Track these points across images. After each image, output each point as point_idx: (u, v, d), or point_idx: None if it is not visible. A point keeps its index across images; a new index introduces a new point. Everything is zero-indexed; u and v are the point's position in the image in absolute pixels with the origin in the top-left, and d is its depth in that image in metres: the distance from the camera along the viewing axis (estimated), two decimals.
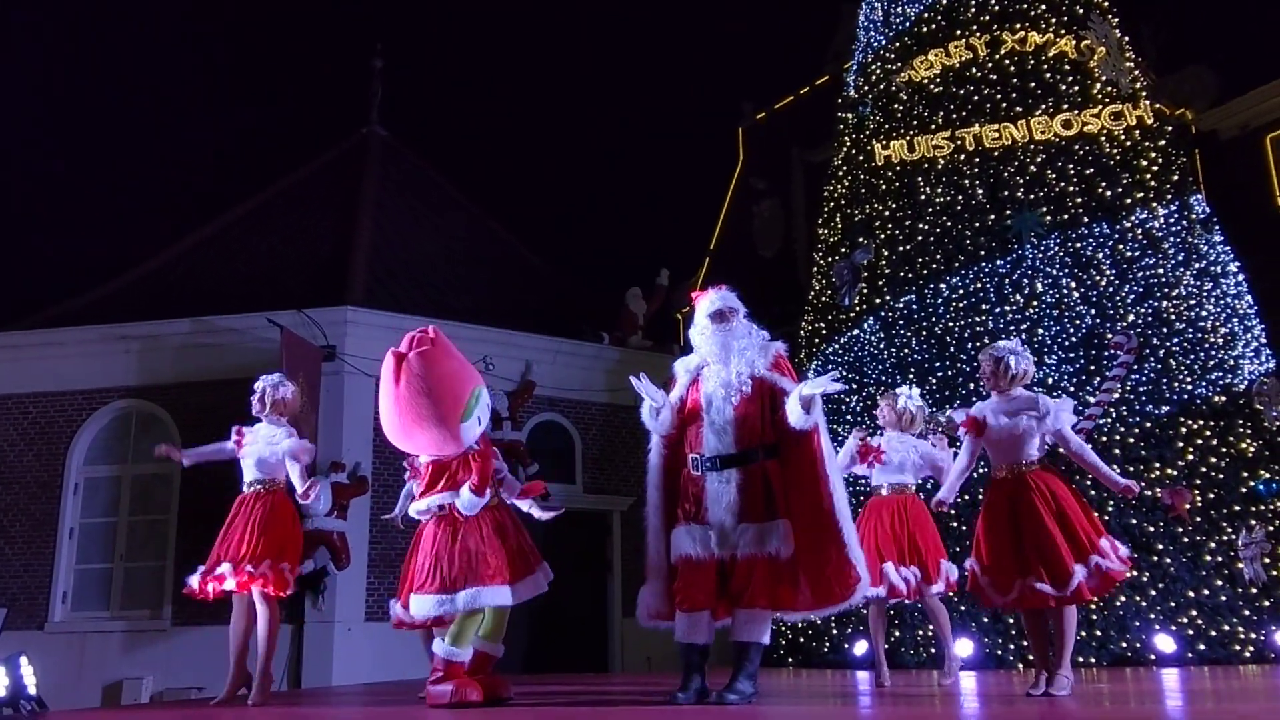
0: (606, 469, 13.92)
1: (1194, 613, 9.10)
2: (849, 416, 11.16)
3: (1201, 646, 8.96)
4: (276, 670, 11.16)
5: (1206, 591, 9.20)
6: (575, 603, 13.06)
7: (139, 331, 12.48)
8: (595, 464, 13.83)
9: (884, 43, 12.60)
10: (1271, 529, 9.45)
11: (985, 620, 9.36)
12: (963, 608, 9.44)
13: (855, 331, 11.46)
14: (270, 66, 42.15)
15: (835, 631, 9.96)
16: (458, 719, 4.48)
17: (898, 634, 9.54)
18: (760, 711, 4.62)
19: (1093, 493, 9.61)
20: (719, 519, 4.77)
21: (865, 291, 11.47)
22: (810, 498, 4.79)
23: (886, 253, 11.48)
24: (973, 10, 12.02)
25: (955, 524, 9.19)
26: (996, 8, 11.98)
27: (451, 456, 5.05)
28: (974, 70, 11.83)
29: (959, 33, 12.01)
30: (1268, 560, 9.33)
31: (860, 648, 9.77)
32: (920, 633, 9.53)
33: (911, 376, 10.63)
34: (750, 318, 5.17)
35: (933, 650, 9.26)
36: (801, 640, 10.49)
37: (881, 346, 11.13)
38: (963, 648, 9.14)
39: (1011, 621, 9.21)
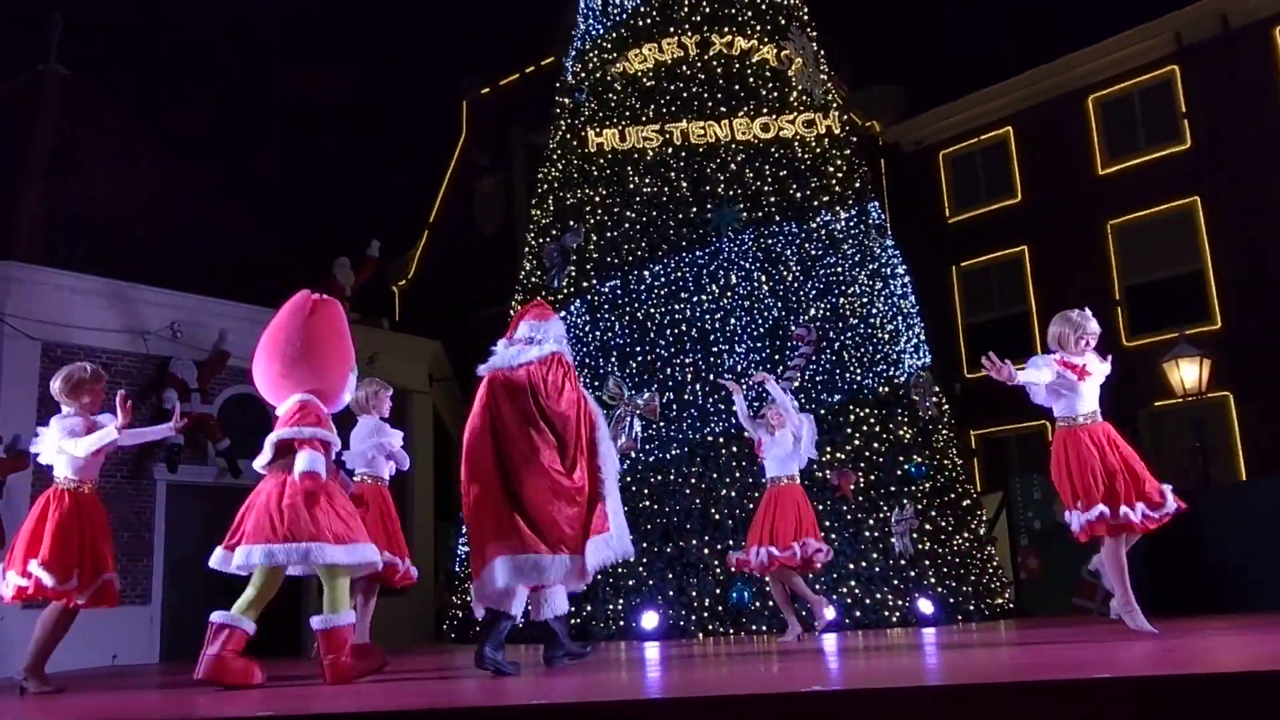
0: None
1: (853, 583, 10.04)
2: None
3: (858, 613, 9.90)
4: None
5: (864, 564, 10.18)
6: None
7: None
8: None
9: (601, 32, 12.89)
10: (919, 507, 10.58)
11: (671, 593, 9.87)
12: (650, 581, 9.90)
13: (562, 314, 11.66)
14: None
15: (621, 604, 10.03)
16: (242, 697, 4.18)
17: (589, 607, 9.87)
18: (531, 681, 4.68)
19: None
20: None
21: (573, 274, 11.73)
22: None
23: (595, 238, 11.78)
24: (685, 10, 12.53)
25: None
26: (708, 10, 12.55)
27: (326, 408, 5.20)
28: (684, 68, 12.34)
29: (672, 30, 12.49)
30: (915, 535, 10.45)
31: (649, 620, 9.77)
32: (610, 607, 9.90)
33: (614, 360, 11.01)
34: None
35: (620, 623, 9.67)
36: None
37: (587, 329, 11.43)
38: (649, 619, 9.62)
39: (694, 595, 9.78)
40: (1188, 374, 13.26)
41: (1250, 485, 13.50)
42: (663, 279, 11.32)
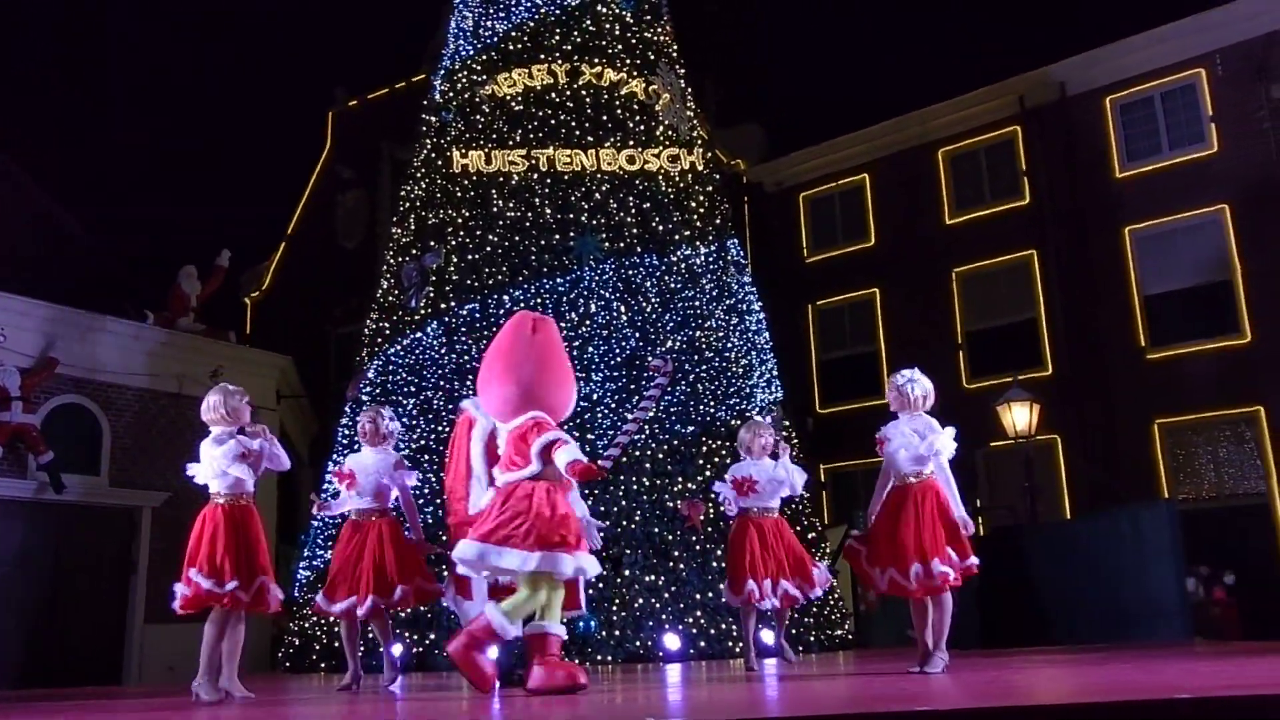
0: (140, 460, 12.76)
1: (699, 613, 10.11)
2: (405, 419, 11.14)
3: (702, 644, 9.97)
4: None
5: (711, 594, 10.26)
6: (89, 608, 11.82)
7: None
8: (126, 454, 12.63)
9: (472, 53, 12.80)
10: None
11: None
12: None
13: (418, 334, 11.49)
14: None
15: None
16: None
17: (432, 636, 9.65)
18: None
19: (624, 502, 10.40)
20: None
21: (432, 295, 11.54)
22: None
23: (456, 260, 11.63)
24: (557, 38, 12.56)
25: None
26: (579, 40, 12.61)
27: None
28: (553, 95, 12.35)
29: (543, 57, 12.49)
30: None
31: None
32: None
33: (470, 383, 10.86)
34: None
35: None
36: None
37: (443, 352, 11.25)
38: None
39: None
40: (1019, 417, 13.96)
41: (1074, 523, 14.30)
42: (522, 304, 11.22)
